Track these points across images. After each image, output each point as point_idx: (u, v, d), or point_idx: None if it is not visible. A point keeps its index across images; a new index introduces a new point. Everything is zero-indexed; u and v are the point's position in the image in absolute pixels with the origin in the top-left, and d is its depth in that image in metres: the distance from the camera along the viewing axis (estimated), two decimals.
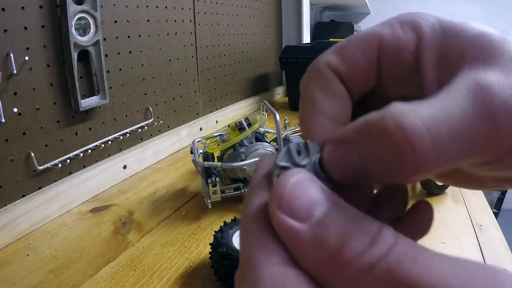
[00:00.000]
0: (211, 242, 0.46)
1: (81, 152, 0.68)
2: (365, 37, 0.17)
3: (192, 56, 1.01)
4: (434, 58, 0.16)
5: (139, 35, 0.81)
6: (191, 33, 0.99)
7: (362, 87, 0.18)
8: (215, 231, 0.47)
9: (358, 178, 0.14)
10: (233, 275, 0.44)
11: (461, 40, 0.15)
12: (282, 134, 0.61)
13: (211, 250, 0.45)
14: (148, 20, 0.83)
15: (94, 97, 0.70)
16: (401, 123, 0.12)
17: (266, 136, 0.73)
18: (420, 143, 0.12)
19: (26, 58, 0.56)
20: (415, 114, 0.12)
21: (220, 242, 0.44)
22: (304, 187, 0.13)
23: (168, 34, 0.90)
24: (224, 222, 0.49)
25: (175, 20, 0.92)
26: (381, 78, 0.18)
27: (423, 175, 0.12)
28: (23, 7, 0.56)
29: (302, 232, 0.12)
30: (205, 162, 0.61)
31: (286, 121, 0.87)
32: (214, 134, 0.72)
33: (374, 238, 0.11)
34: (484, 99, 0.13)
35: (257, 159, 0.60)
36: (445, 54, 0.16)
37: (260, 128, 0.67)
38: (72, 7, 0.61)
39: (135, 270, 0.48)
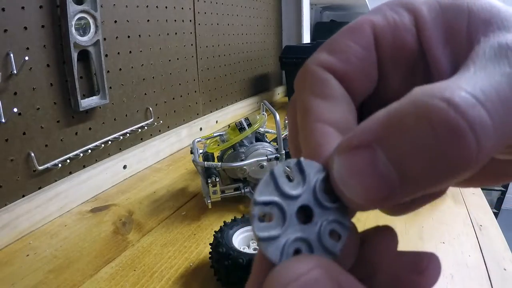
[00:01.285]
0: (211, 242, 0.46)
1: (81, 152, 0.68)
2: (354, 27, 0.14)
3: (192, 56, 1.01)
4: (439, 35, 0.14)
5: (139, 35, 0.81)
6: (191, 33, 0.99)
7: (364, 84, 0.15)
8: (215, 231, 0.47)
9: (388, 196, 0.10)
10: (233, 275, 0.44)
11: (466, 9, 0.14)
12: (282, 134, 0.61)
13: (211, 250, 0.45)
14: (148, 20, 0.83)
15: (94, 97, 0.70)
16: (448, 98, 0.09)
17: (266, 136, 0.73)
18: (478, 118, 0.09)
19: (26, 58, 0.56)
20: (458, 87, 0.10)
21: (220, 242, 0.44)
22: None
23: (168, 34, 0.90)
24: (224, 222, 0.49)
25: (175, 20, 0.92)
26: (383, 70, 0.15)
27: (479, 163, 0.10)
28: (23, 7, 0.56)
29: None
30: (205, 162, 0.61)
31: (286, 121, 0.87)
32: (214, 134, 0.72)
33: None
34: None
35: (257, 159, 0.60)
36: (450, 29, 0.14)
37: (260, 128, 0.67)
38: (72, 7, 0.61)
39: (135, 270, 0.48)
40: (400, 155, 0.10)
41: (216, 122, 1.13)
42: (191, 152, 0.65)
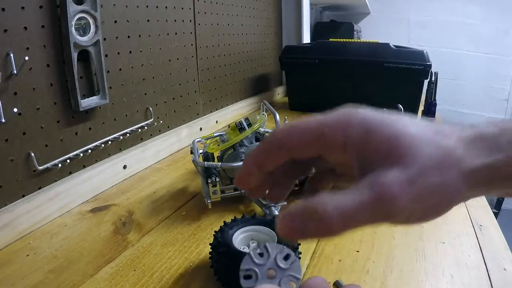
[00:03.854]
0: (211, 242, 0.46)
1: (81, 152, 0.68)
2: (309, 130, 0.24)
3: (192, 56, 1.01)
4: (355, 155, 0.23)
5: (139, 35, 0.81)
6: (191, 33, 0.99)
7: (305, 156, 0.25)
8: (215, 231, 0.47)
9: (300, 236, 0.21)
10: (233, 275, 0.44)
11: (376, 141, 0.22)
12: None
13: (211, 250, 0.45)
14: (148, 20, 0.83)
15: (94, 97, 0.70)
16: (325, 209, 0.20)
17: (266, 136, 0.73)
18: (330, 219, 0.20)
19: (26, 58, 0.56)
20: (333, 202, 0.20)
21: (220, 242, 0.44)
22: None
23: (168, 34, 0.90)
24: (224, 222, 0.49)
25: (175, 20, 0.92)
26: (322, 155, 0.24)
27: (337, 233, 0.21)
28: (23, 7, 0.56)
29: None
30: (205, 162, 0.61)
31: (286, 121, 0.87)
32: (214, 134, 0.72)
33: None
34: (379, 193, 0.20)
35: None
36: (363, 151, 0.22)
37: (260, 128, 0.67)
38: (72, 7, 0.61)
39: (135, 270, 0.48)
40: (304, 221, 0.21)
41: (216, 122, 1.13)
42: (191, 152, 0.65)
